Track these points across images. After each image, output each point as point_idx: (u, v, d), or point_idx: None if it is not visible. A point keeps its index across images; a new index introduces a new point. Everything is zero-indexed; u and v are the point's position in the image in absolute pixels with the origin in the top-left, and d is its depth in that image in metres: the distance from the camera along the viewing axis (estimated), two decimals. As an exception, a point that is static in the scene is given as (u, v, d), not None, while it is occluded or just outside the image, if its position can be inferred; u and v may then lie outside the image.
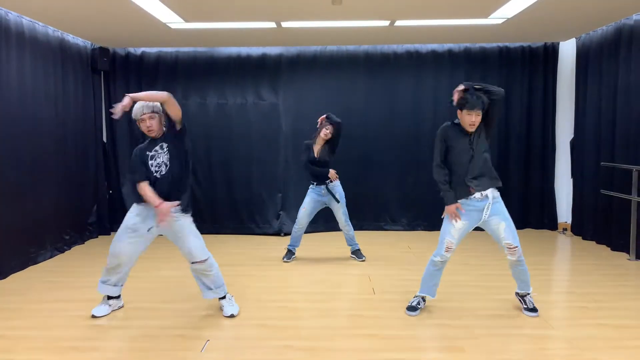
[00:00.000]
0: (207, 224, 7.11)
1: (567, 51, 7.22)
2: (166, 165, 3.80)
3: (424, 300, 4.13)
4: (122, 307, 4.19)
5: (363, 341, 3.52)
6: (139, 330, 3.74)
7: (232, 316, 3.97)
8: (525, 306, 4.04)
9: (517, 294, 4.14)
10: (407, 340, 3.54)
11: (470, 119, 3.75)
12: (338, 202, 5.54)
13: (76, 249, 6.37)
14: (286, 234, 7.09)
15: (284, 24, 5.83)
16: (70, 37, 6.49)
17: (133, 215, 3.90)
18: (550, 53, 7.24)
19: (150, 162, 3.81)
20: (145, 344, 3.48)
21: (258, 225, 7.32)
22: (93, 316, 3.96)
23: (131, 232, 3.87)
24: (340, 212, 5.62)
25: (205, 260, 3.90)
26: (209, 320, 3.92)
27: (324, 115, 5.54)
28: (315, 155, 5.49)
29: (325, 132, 5.45)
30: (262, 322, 3.87)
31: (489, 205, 3.81)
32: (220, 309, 4.07)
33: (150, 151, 3.84)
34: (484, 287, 4.70)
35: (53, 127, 6.07)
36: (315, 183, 5.60)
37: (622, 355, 3.29)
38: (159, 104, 3.76)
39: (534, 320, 3.88)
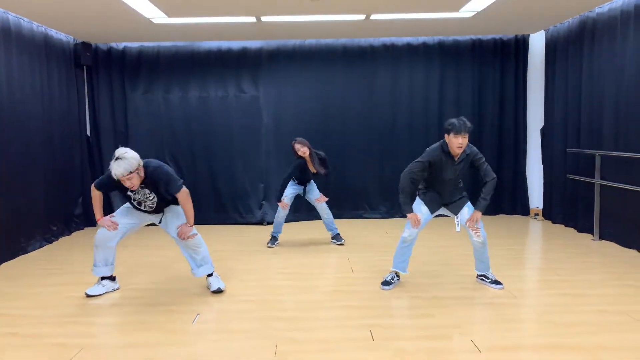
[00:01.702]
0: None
1: (537, 43, 7.70)
2: (152, 202, 4.23)
3: (398, 277, 4.54)
4: (118, 289, 4.52)
5: (341, 311, 3.91)
6: (133, 307, 4.09)
7: (219, 290, 4.34)
8: (489, 280, 4.47)
9: (478, 276, 4.58)
10: (382, 309, 3.94)
11: (457, 142, 4.11)
12: (304, 195, 6.07)
13: (64, 239, 6.67)
14: (269, 223, 7.47)
15: (264, 19, 6.18)
16: (54, 32, 6.76)
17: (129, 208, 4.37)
18: (520, 45, 7.71)
19: (131, 194, 4.22)
20: (140, 318, 3.83)
21: (241, 215, 7.68)
22: (87, 295, 4.30)
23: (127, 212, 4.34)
24: (323, 207, 6.03)
25: (195, 234, 4.29)
26: (198, 298, 4.29)
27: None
28: (314, 171, 5.90)
29: (303, 151, 5.75)
30: (247, 298, 4.25)
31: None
32: (208, 287, 4.45)
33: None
34: (453, 266, 5.13)
35: (39, 120, 6.36)
36: (296, 182, 6.05)
37: (577, 317, 3.72)
38: (136, 163, 3.93)
39: (499, 292, 4.31)
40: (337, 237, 6.16)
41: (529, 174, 7.93)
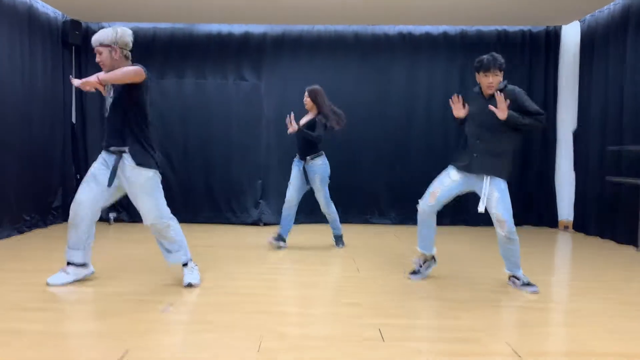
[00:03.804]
0: (181, 212, 6.76)
1: (570, 36, 7.17)
2: (106, 110, 3.73)
3: (426, 262, 4.09)
4: (90, 274, 3.92)
5: (344, 308, 3.32)
6: (96, 295, 3.52)
7: (190, 285, 3.75)
8: (520, 282, 3.86)
9: (509, 278, 3.98)
10: (393, 309, 3.34)
11: (487, 81, 3.71)
12: (307, 183, 5.36)
13: (37, 231, 6.13)
14: (265, 224, 6.92)
15: (269, -9, 5.73)
16: (40, 5, 6.34)
17: (97, 163, 3.76)
18: (552, 38, 7.18)
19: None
20: (101, 306, 3.26)
21: (235, 214, 7.11)
22: (48, 284, 3.72)
23: (92, 179, 3.70)
24: (320, 195, 5.38)
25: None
26: (173, 289, 3.71)
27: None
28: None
29: (305, 100, 5.30)
30: (233, 291, 3.67)
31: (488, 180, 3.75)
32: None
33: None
34: (475, 269, 4.54)
35: (18, 101, 5.93)
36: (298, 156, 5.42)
37: (637, 324, 3.11)
38: (112, 39, 3.64)
39: (534, 296, 3.70)
40: (338, 240, 5.54)
41: (558, 182, 7.32)
